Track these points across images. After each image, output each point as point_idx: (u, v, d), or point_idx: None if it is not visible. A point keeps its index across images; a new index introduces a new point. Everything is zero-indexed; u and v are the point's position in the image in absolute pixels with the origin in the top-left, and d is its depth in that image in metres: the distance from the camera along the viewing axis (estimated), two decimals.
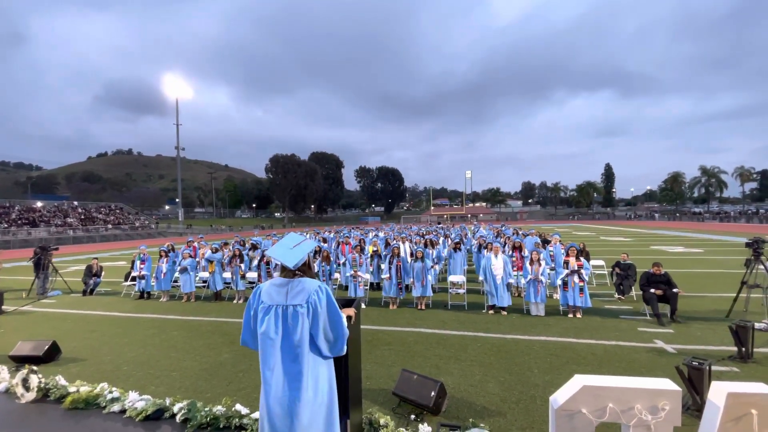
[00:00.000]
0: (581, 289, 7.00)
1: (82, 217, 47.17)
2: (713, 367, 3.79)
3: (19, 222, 39.52)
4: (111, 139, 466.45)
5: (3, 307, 8.59)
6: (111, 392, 4.08)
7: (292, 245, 2.41)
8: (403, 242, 10.65)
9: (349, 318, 2.72)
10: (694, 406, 3.53)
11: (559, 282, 7.38)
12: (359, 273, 8.41)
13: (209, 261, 9.58)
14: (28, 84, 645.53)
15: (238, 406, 3.68)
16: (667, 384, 2.29)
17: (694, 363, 3.57)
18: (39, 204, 47.97)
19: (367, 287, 8.91)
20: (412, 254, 8.62)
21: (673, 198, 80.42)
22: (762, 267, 6.61)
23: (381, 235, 16.89)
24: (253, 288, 9.29)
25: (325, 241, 14.16)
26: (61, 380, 4.37)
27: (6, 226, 37.42)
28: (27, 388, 4.18)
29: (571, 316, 7.05)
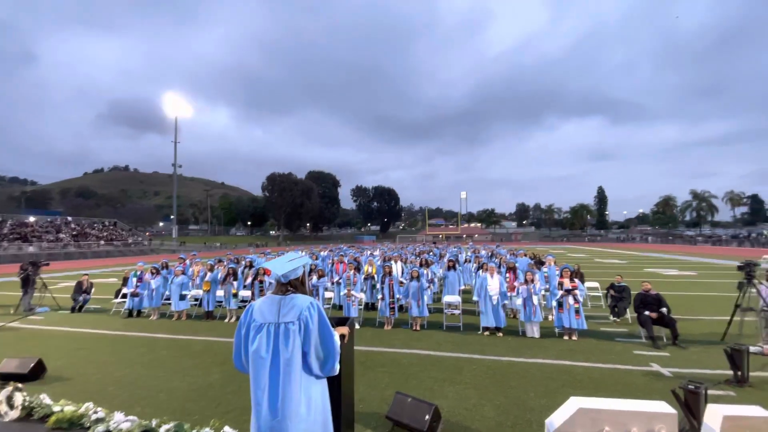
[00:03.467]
0: (577, 311, 6.97)
1: (75, 233, 46.60)
2: (709, 391, 3.76)
3: (10, 237, 38.95)
4: (110, 156, 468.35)
5: None
6: (96, 412, 3.95)
7: (288, 260, 2.44)
8: (396, 261, 10.60)
9: (342, 337, 2.70)
10: (690, 429, 3.49)
11: (554, 303, 7.36)
12: (353, 292, 8.33)
13: (205, 281, 9.45)
14: (34, 101, 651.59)
15: (227, 429, 3.58)
16: (663, 407, 2.29)
17: (690, 386, 3.55)
18: (32, 219, 47.39)
19: (362, 307, 8.80)
20: (403, 273, 8.58)
21: (666, 221, 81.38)
22: (755, 290, 6.65)
23: (377, 253, 16.82)
24: (244, 307, 9.25)
25: (316, 258, 14.13)
26: (46, 399, 4.24)
27: None
28: (11, 406, 4.05)
29: (566, 338, 7.00)
